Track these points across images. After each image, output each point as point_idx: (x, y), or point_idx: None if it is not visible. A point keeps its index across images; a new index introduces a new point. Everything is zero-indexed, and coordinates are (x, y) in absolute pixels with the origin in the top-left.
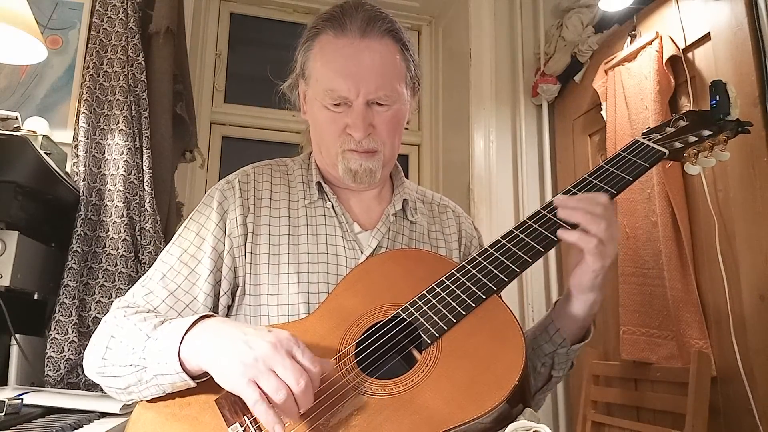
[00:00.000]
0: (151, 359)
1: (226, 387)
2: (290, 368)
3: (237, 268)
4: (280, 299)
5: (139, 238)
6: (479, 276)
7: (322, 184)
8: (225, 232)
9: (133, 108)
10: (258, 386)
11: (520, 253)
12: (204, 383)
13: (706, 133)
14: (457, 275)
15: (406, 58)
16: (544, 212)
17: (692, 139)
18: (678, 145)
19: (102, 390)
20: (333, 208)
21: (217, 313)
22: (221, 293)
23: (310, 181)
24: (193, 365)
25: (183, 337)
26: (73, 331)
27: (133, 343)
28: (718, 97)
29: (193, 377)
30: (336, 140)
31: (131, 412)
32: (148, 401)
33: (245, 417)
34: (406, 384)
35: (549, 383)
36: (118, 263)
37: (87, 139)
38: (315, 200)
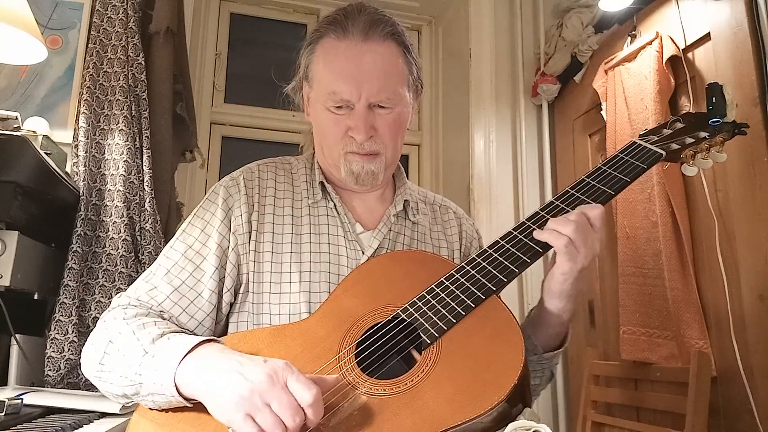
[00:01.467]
0: (148, 377)
1: (222, 421)
2: (286, 404)
3: (241, 266)
4: (282, 298)
5: (139, 238)
6: (478, 277)
7: (325, 184)
8: (230, 229)
9: (133, 108)
10: (254, 422)
11: (519, 254)
12: None
13: (703, 134)
14: (457, 276)
15: (409, 61)
16: (542, 213)
17: (689, 140)
18: (675, 146)
19: None
20: (335, 209)
21: (221, 311)
22: (225, 290)
23: (313, 181)
24: (188, 393)
25: (180, 363)
26: (73, 331)
27: (131, 357)
28: (714, 99)
29: (188, 399)
30: (338, 142)
31: (131, 412)
32: None
33: None
34: (406, 384)
35: None
36: (118, 263)
37: (87, 139)
38: (318, 200)
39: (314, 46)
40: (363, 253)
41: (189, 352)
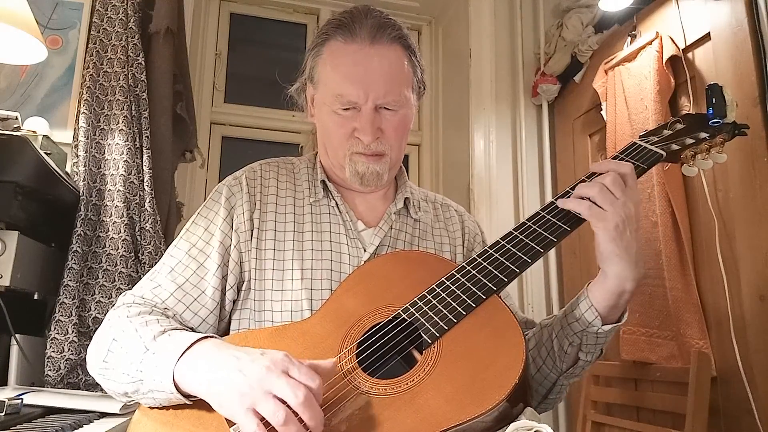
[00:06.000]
0: (148, 374)
1: (227, 416)
2: (286, 385)
3: (243, 263)
4: (284, 295)
5: (139, 238)
6: (479, 276)
7: (327, 182)
8: (232, 227)
9: (133, 108)
10: (256, 414)
11: (519, 253)
12: None
13: (703, 135)
14: (457, 276)
15: (414, 63)
16: (543, 213)
17: (689, 141)
18: (675, 147)
19: (102, 390)
20: (337, 207)
21: (224, 308)
22: (228, 287)
23: (315, 180)
24: (186, 389)
25: (178, 359)
26: (73, 331)
27: (132, 354)
28: (714, 100)
29: (187, 396)
30: (344, 143)
31: (131, 412)
32: None
33: None
34: (407, 383)
35: (575, 367)
36: (118, 263)
37: (87, 139)
38: (320, 198)
39: (320, 49)
40: (364, 250)
41: (187, 349)
